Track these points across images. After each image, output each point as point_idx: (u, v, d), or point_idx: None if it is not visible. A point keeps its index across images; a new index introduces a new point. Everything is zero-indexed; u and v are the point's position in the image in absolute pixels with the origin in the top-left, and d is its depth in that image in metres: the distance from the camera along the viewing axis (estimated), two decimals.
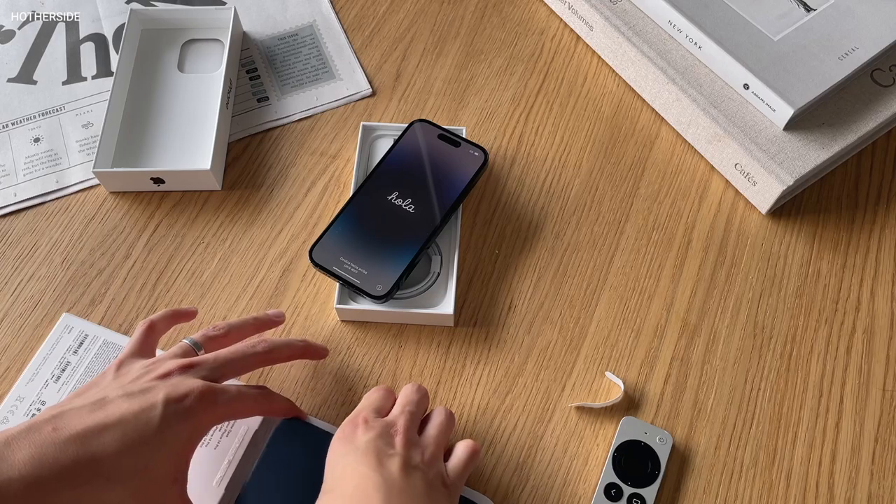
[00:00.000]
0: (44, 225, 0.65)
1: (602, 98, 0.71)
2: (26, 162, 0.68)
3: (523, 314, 0.60)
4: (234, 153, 0.68)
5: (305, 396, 0.57)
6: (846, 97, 0.63)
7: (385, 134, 0.67)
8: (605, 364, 0.58)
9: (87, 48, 0.74)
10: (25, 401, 0.55)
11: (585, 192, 0.66)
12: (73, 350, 0.57)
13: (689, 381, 0.57)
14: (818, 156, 0.61)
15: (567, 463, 0.54)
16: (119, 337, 0.58)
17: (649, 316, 0.60)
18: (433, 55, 0.73)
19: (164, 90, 0.70)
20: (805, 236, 0.64)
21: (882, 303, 0.61)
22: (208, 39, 0.74)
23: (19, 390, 0.56)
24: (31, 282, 0.62)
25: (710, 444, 0.55)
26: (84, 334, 0.58)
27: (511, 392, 0.57)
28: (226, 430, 0.54)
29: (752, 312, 0.60)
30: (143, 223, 0.65)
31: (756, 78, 0.61)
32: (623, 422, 0.55)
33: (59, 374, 0.56)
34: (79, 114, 0.70)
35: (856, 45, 0.62)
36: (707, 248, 0.63)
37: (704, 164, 0.67)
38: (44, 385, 0.56)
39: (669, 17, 0.66)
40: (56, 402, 0.55)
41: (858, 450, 0.55)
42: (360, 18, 0.76)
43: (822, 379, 0.58)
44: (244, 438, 0.53)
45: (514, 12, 0.76)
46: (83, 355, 0.57)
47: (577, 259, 0.63)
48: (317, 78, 0.72)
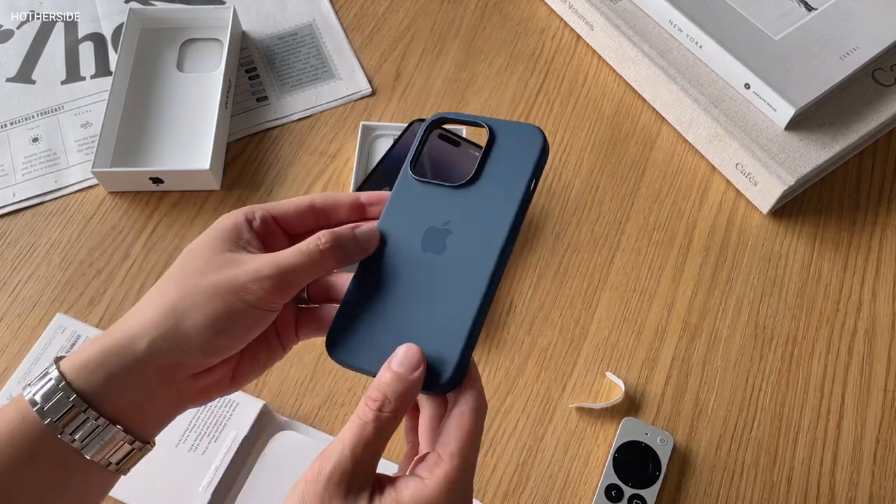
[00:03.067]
0: (42, 225, 0.65)
1: (602, 98, 0.71)
2: (25, 162, 0.67)
3: (523, 314, 0.60)
4: (234, 153, 0.68)
5: (305, 396, 0.56)
6: (847, 97, 0.63)
7: (385, 134, 0.67)
8: (605, 364, 0.58)
9: (85, 48, 0.74)
10: None
11: (586, 191, 0.66)
12: (66, 350, 0.57)
13: (689, 381, 0.57)
14: (819, 155, 0.61)
15: (567, 464, 0.54)
16: None
17: (650, 316, 0.60)
18: (433, 55, 0.73)
19: (163, 90, 0.70)
20: (806, 236, 0.63)
21: (883, 303, 0.60)
22: (207, 39, 0.73)
23: (10, 389, 0.55)
24: (30, 282, 0.62)
25: (711, 445, 0.55)
26: (77, 335, 0.58)
27: (511, 393, 0.57)
28: (214, 436, 0.53)
29: (753, 313, 0.60)
30: (142, 223, 0.64)
31: (757, 77, 0.61)
32: (624, 422, 0.55)
33: None
34: (77, 113, 0.70)
35: (857, 44, 0.62)
36: (708, 249, 0.63)
37: (705, 163, 0.67)
38: None
39: (670, 17, 0.66)
40: None
41: (860, 450, 0.55)
42: (359, 18, 0.76)
43: (823, 379, 0.57)
44: (232, 444, 0.53)
45: (514, 11, 0.76)
46: None
47: (577, 259, 0.63)
48: (316, 77, 0.72)
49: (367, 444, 0.31)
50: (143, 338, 0.33)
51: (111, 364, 0.33)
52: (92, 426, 0.32)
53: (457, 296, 0.34)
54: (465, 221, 0.36)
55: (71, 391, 0.32)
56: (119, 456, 0.34)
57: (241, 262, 0.35)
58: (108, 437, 0.33)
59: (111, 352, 0.33)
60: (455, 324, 0.34)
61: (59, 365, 0.33)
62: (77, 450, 0.32)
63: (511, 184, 0.36)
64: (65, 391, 0.32)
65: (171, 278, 0.35)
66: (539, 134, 0.37)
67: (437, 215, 0.36)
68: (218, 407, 0.54)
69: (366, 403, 0.32)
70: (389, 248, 0.37)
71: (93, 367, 0.33)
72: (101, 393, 0.33)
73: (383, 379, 0.32)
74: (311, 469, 0.31)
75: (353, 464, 0.31)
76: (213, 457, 0.52)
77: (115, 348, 0.33)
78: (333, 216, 0.39)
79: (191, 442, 0.53)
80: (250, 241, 0.37)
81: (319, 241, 0.35)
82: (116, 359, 0.33)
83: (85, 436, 0.32)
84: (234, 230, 0.36)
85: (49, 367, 0.34)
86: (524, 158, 0.36)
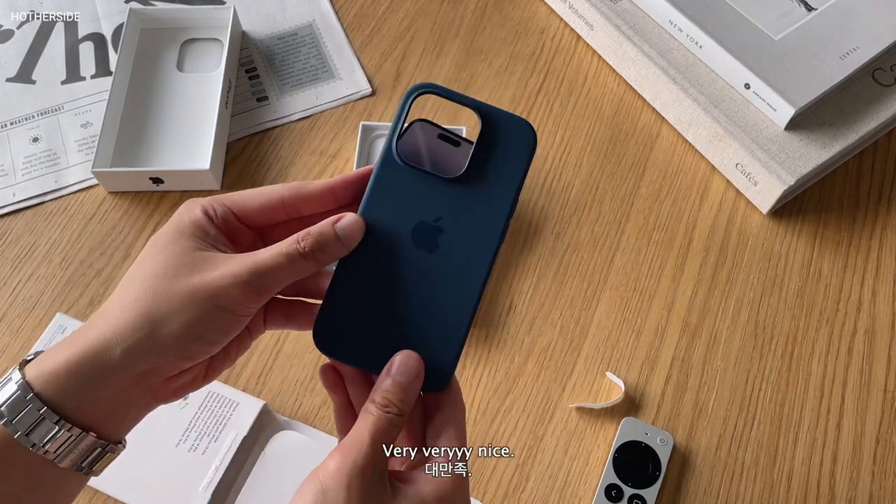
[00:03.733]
0: (42, 225, 0.65)
1: (602, 98, 0.71)
2: (25, 162, 0.67)
3: (523, 314, 0.60)
4: (234, 153, 0.68)
5: (305, 397, 0.56)
6: (847, 97, 0.63)
7: (385, 134, 0.67)
8: (605, 364, 0.58)
9: (86, 48, 0.74)
10: None
11: (586, 191, 0.66)
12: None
13: (689, 381, 0.57)
14: (819, 155, 0.61)
15: (567, 464, 0.54)
16: None
17: (650, 316, 0.60)
18: (433, 54, 0.73)
19: (164, 90, 0.70)
20: (806, 236, 0.63)
21: (883, 303, 0.60)
22: (207, 39, 0.73)
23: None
24: (30, 282, 0.62)
25: (711, 445, 0.55)
26: None
27: (511, 393, 0.57)
28: (214, 436, 0.53)
29: (753, 313, 0.60)
30: (142, 223, 0.64)
31: (757, 77, 0.61)
32: (624, 422, 0.55)
33: None
34: (78, 113, 0.70)
35: (857, 44, 0.62)
36: (708, 248, 0.63)
37: (705, 163, 0.67)
38: None
39: (670, 17, 0.66)
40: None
41: (860, 450, 0.55)
42: (359, 18, 0.76)
43: (823, 379, 0.57)
44: (232, 444, 0.53)
45: (514, 11, 0.76)
46: None
47: (577, 259, 0.63)
48: (316, 77, 0.72)
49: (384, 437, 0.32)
50: (117, 346, 0.32)
51: (83, 373, 0.31)
52: (64, 436, 0.31)
53: (450, 297, 0.35)
54: (457, 221, 0.36)
55: (40, 403, 0.31)
56: (91, 460, 0.33)
57: (215, 263, 0.33)
58: (82, 445, 0.32)
59: (83, 360, 0.32)
60: (449, 327, 0.35)
61: (24, 372, 0.32)
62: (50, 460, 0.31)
63: (503, 184, 0.36)
64: (33, 402, 0.31)
65: (140, 278, 0.33)
66: (531, 132, 0.36)
67: (427, 209, 0.36)
68: (218, 407, 0.54)
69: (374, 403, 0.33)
70: (377, 239, 0.35)
71: (62, 376, 0.31)
72: (74, 402, 0.31)
73: (384, 386, 0.33)
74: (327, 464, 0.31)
75: (374, 455, 0.31)
76: (213, 457, 0.52)
77: (87, 356, 0.32)
78: (304, 208, 0.36)
79: (191, 442, 0.53)
80: (218, 238, 0.35)
81: (299, 245, 0.33)
82: (89, 367, 0.31)
83: (58, 447, 0.31)
84: (198, 225, 0.34)
85: (11, 373, 0.32)
86: (517, 157, 0.36)
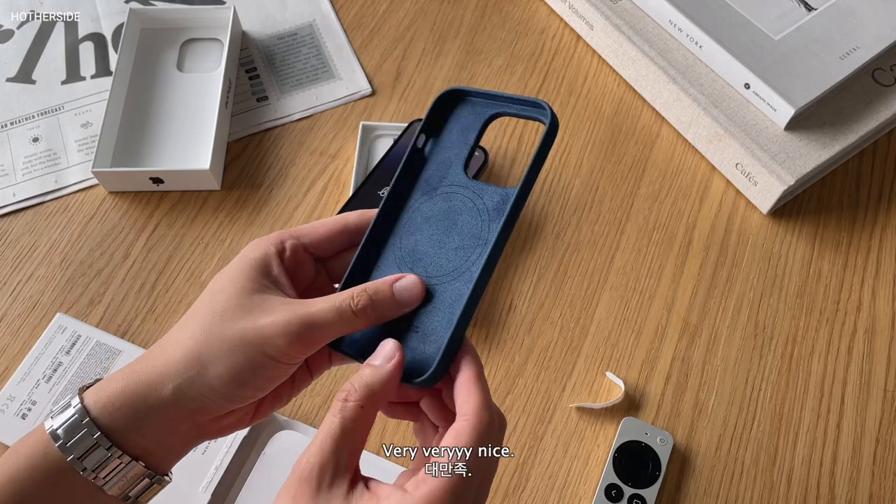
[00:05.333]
0: (42, 225, 0.65)
1: (602, 98, 0.71)
2: (25, 162, 0.67)
3: (523, 314, 0.60)
4: (234, 153, 0.68)
5: (305, 396, 0.56)
6: (847, 97, 0.63)
7: (385, 133, 0.67)
8: (605, 364, 0.58)
9: (86, 48, 0.74)
10: (16, 400, 0.55)
11: (586, 191, 0.66)
12: (66, 350, 0.57)
13: (689, 381, 0.57)
14: (819, 155, 0.61)
15: (567, 464, 0.54)
16: (113, 339, 0.58)
17: (650, 316, 0.60)
18: (433, 54, 0.73)
19: (164, 90, 0.70)
20: (806, 236, 0.63)
21: (883, 303, 0.60)
22: (207, 39, 0.73)
23: (10, 389, 0.55)
24: (30, 282, 0.62)
25: (711, 445, 0.55)
26: (77, 335, 0.58)
27: (511, 392, 0.57)
28: None
29: (753, 312, 0.60)
30: (143, 223, 0.64)
31: (757, 77, 0.61)
32: (624, 422, 0.55)
33: (50, 374, 0.56)
34: (78, 113, 0.70)
35: (857, 44, 0.62)
36: (708, 248, 0.63)
37: (705, 163, 0.67)
38: (35, 385, 0.56)
39: (670, 17, 0.66)
40: (46, 401, 0.55)
41: (860, 450, 0.55)
42: (359, 18, 0.76)
43: (823, 379, 0.57)
44: (232, 445, 0.53)
45: (514, 11, 0.76)
46: (75, 356, 0.57)
47: (577, 259, 0.63)
48: (316, 77, 0.72)
49: (334, 437, 0.31)
50: (169, 382, 0.33)
51: (137, 404, 0.33)
52: (115, 464, 0.33)
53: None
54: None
55: (95, 428, 0.32)
56: (138, 490, 0.34)
57: (269, 309, 0.34)
58: (130, 473, 0.33)
59: (137, 392, 0.33)
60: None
61: (83, 398, 0.33)
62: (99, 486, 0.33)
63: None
64: (89, 427, 0.32)
65: (198, 315, 0.34)
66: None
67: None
68: None
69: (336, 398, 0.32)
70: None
71: (118, 405, 0.33)
72: (125, 431, 0.33)
73: (358, 373, 0.33)
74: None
75: (321, 458, 0.30)
76: (213, 457, 0.52)
77: (141, 389, 0.33)
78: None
79: None
80: (279, 279, 0.36)
81: (353, 301, 0.34)
82: (143, 400, 0.33)
83: (108, 473, 0.33)
84: (263, 263, 0.35)
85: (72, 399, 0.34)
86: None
